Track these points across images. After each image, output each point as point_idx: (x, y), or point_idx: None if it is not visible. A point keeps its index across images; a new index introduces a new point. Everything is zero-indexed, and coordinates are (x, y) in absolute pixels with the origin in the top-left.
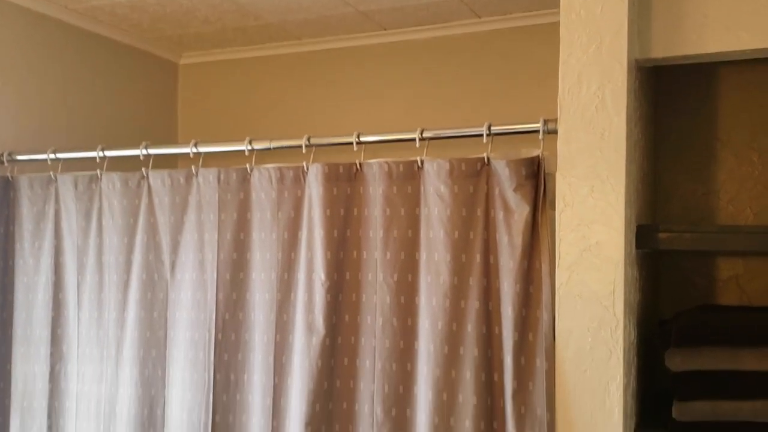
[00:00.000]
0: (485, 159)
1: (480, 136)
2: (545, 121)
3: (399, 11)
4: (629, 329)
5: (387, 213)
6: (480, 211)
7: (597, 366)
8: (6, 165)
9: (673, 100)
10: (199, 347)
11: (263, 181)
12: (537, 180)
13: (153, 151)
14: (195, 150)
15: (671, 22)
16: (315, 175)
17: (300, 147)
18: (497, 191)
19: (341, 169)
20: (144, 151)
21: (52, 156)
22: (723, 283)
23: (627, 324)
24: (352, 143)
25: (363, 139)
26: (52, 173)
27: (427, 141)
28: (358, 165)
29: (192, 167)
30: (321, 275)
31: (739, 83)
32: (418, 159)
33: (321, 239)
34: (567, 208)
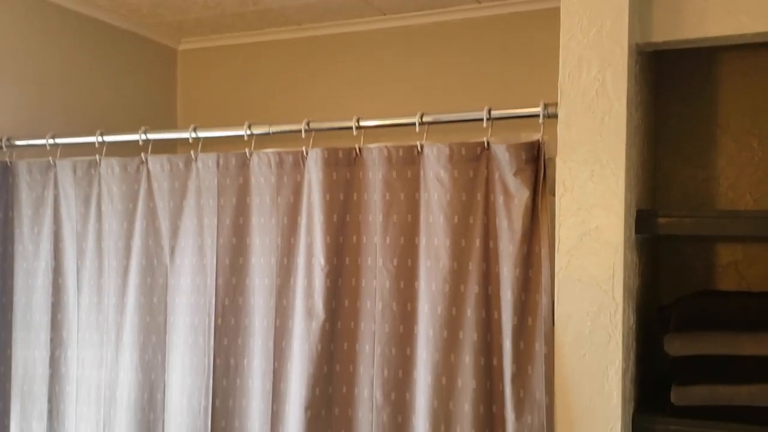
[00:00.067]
0: (485, 143)
1: (480, 120)
2: (545, 106)
3: None
4: (628, 314)
5: (387, 198)
6: (480, 196)
7: (596, 350)
8: (5, 150)
9: (674, 85)
10: (199, 332)
11: (263, 166)
12: (537, 164)
13: (152, 136)
14: (194, 135)
15: (672, 5)
16: (314, 160)
17: (299, 132)
18: (497, 176)
19: (341, 154)
20: (143, 136)
21: (50, 141)
22: (722, 269)
23: (626, 308)
24: (351, 128)
25: (362, 124)
26: (51, 158)
27: (427, 126)
28: (357, 150)
29: (191, 152)
30: (321, 260)
31: (740, 68)
32: (417, 143)
33: (320, 224)
34: (567, 192)
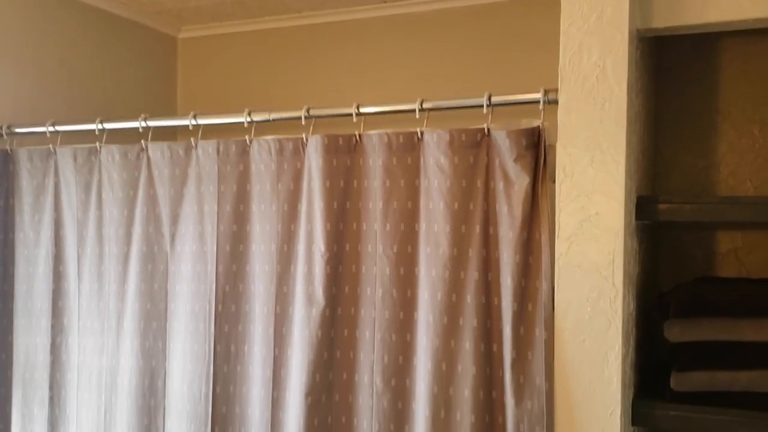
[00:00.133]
0: (485, 130)
1: (480, 107)
2: (546, 92)
3: None
4: (628, 300)
5: (387, 184)
6: (480, 182)
7: (596, 336)
8: (5, 138)
9: (674, 73)
10: (200, 319)
11: (263, 153)
12: (537, 151)
13: (152, 123)
14: (194, 122)
15: None
16: (314, 147)
17: (299, 119)
18: (497, 162)
19: (341, 141)
20: (143, 124)
21: (51, 129)
22: (722, 256)
23: (626, 294)
24: (351, 114)
25: (363, 111)
26: (51, 146)
27: (427, 112)
28: (357, 136)
29: (191, 139)
30: (321, 247)
31: (741, 55)
32: (418, 130)
33: (321, 211)
34: (567, 178)
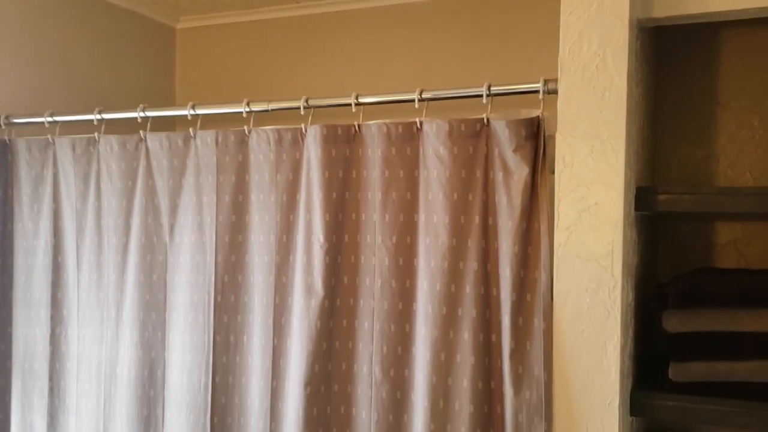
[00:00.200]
0: (485, 120)
1: (479, 96)
2: (545, 81)
3: None
4: (627, 290)
5: (386, 175)
6: (479, 173)
7: (594, 326)
8: (3, 128)
9: (674, 63)
10: (199, 310)
11: (261, 143)
12: (537, 141)
13: (150, 114)
14: (193, 112)
15: None
16: (313, 137)
17: (298, 109)
18: (496, 152)
19: (340, 131)
20: (141, 114)
21: (49, 119)
22: (721, 247)
23: (625, 285)
24: (350, 105)
25: (361, 101)
26: (49, 136)
27: (426, 102)
28: (356, 127)
29: (190, 130)
30: (320, 237)
31: (741, 47)
32: (417, 120)
33: (320, 201)
34: (566, 168)
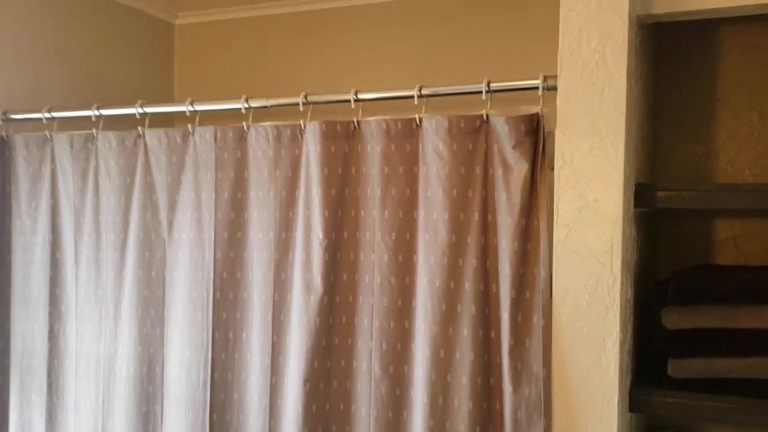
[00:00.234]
0: (484, 116)
1: (479, 93)
2: (545, 78)
3: None
4: (626, 287)
5: (385, 171)
6: (479, 169)
7: (593, 323)
8: (1, 124)
9: (674, 60)
10: (198, 306)
11: (260, 140)
12: (536, 137)
13: (149, 110)
14: (191, 108)
15: None
16: (312, 133)
17: (297, 105)
18: (496, 148)
19: (339, 127)
20: (140, 110)
21: (47, 115)
22: (720, 244)
23: (624, 281)
24: (349, 101)
25: (361, 97)
26: (47, 132)
27: (426, 98)
28: (356, 123)
29: (188, 126)
30: (319, 234)
31: (740, 43)
32: (416, 116)
33: (319, 198)
34: (566, 165)
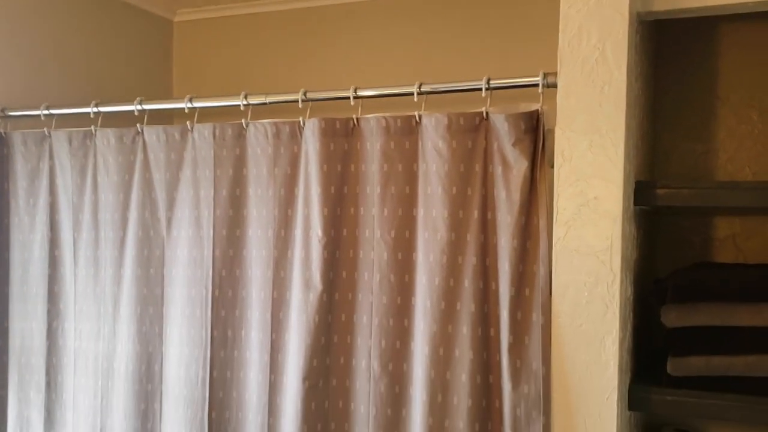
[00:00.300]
0: (484, 113)
1: (479, 90)
2: (545, 75)
3: None
4: (626, 284)
5: (384, 169)
6: (478, 167)
7: (593, 320)
8: None
9: (673, 58)
10: (196, 304)
11: (259, 137)
12: (536, 134)
13: (147, 107)
14: (190, 105)
15: None
16: (312, 131)
17: (296, 102)
18: (496, 146)
19: (338, 125)
20: (138, 107)
21: (45, 112)
22: (720, 242)
23: (624, 279)
24: (349, 98)
25: (360, 94)
26: (45, 129)
27: (425, 96)
28: (355, 120)
29: (187, 123)
30: (318, 232)
31: (740, 41)
32: (416, 114)
33: (318, 195)
34: (566, 162)
